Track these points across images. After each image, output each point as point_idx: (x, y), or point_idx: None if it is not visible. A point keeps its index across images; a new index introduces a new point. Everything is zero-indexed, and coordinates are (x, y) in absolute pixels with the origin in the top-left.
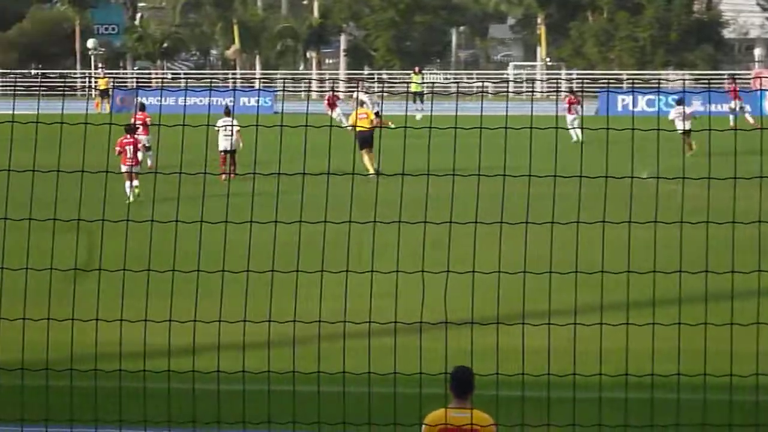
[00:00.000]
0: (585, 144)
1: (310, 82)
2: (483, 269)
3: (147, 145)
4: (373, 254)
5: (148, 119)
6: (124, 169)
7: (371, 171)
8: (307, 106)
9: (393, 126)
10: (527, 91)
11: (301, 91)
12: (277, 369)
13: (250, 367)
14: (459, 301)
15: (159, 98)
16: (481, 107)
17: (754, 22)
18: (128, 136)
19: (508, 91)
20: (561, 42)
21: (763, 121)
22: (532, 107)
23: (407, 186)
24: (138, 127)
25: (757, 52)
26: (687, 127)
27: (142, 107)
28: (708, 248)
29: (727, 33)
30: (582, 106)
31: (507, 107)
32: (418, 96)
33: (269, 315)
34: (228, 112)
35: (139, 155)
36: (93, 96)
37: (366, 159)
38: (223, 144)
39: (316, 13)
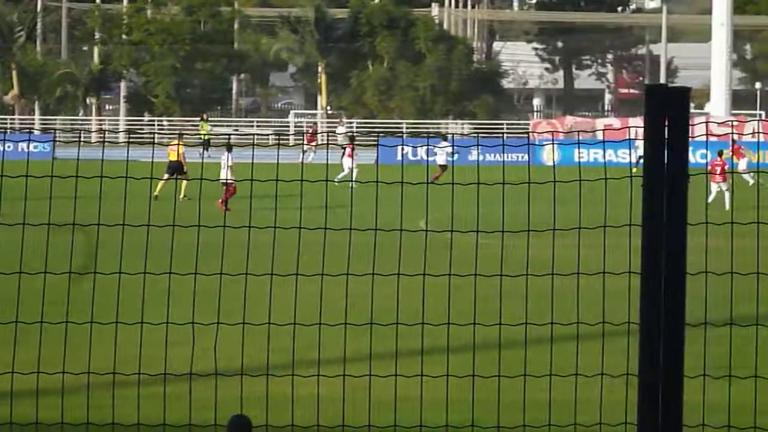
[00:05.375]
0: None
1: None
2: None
3: None
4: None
5: None
6: None
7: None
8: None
9: None
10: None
11: (77, 141)
12: None
13: None
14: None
15: None
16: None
17: (533, 72)
18: None
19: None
20: (342, 91)
21: (536, 170)
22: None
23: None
24: None
25: (536, 102)
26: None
27: None
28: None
29: (507, 83)
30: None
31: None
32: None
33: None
34: None
35: None
36: None
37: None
38: None
39: (96, 59)
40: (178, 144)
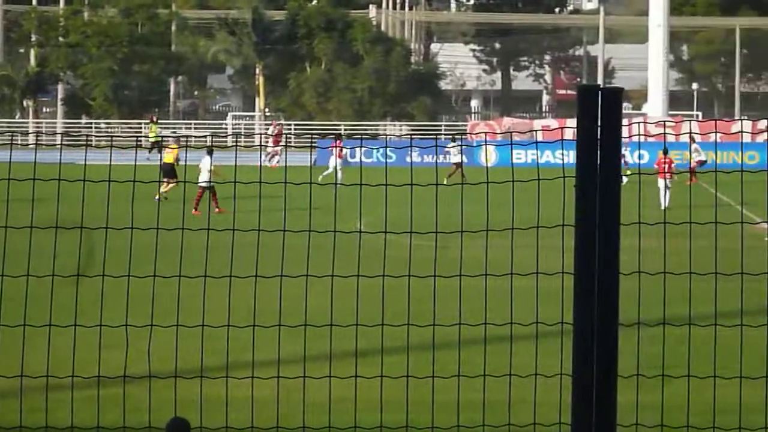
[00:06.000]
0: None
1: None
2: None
3: None
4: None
5: None
6: None
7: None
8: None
9: None
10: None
11: (12, 143)
12: None
13: None
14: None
15: None
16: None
17: (471, 74)
18: None
19: (237, 145)
20: (280, 92)
21: (467, 171)
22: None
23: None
24: None
25: (474, 103)
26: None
27: None
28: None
29: (444, 84)
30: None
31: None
32: (156, 146)
33: None
34: None
35: None
36: None
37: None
38: None
39: (32, 62)
40: (176, 148)
